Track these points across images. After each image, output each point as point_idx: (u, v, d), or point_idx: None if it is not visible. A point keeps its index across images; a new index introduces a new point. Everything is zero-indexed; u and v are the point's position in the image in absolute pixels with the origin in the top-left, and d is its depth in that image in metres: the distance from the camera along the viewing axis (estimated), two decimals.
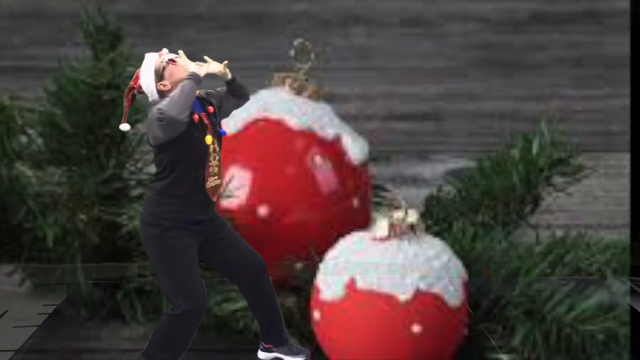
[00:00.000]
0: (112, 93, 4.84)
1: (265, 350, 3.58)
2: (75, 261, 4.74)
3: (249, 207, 4.61)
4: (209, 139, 3.34)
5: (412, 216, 4.24)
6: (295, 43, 4.61)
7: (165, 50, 3.40)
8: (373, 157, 4.96)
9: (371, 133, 5.40)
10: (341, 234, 4.35)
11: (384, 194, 5.04)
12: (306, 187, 4.55)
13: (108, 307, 4.44)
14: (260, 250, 4.69)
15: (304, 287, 4.43)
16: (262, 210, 4.58)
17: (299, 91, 4.66)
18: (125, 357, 3.91)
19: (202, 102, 3.40)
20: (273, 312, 3.54)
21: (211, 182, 3.35)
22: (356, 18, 6.14)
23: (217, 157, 3.36)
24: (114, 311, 4.39)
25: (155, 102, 3.33)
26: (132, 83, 3.38)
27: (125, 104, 3.38)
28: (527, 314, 4.32)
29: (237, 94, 3.45)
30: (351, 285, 4.10)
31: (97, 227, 4.78)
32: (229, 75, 3.40)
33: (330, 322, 4.10)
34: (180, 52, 3.38)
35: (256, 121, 4.70)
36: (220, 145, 3.40)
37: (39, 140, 4.94)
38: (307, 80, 4.71)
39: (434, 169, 5.97)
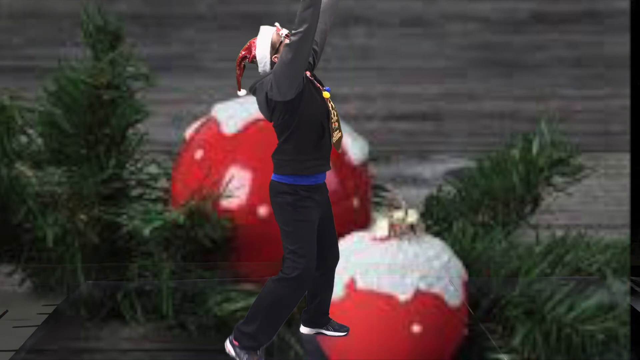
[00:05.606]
0: (112, 93, 4.84)
1: (307, 326, 3.74)
2: (75, 261, 4.74)
3: (249, 207, 4.61)
4: (326, 93, 3.43)
5: (412, 216, 4.24)
6: None
7: (278, 25, 3.44)
8: (373, 157, 4.96)
9: (371, 133, 5.41)
10: (341, 234, 4.35)
11: (384, 194, 5.04)
12: None
13: (108, 307, 4.43)
14: (260, 250, 4.69)
15: None
16: (262, 210, 4.58)
17: None
18: (125, 357, 3.91)
19: None
20: (330, 296, 3.70)
21: (335, 136, 3.44)
22: (356, 18, 6.14)
23: (335, 112, 3.45)
24: (114, 311, 4.38)
25: (264, 73, 3.39)
26: (244, 52, 3.42)
27: (238, 71, 3.44)
28: (527, 314, 4.32)
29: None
30: (351, 285, 4.10)
31: (97, 227, 4.77)
32: None
33: None
34: None
35: (256, 121, 4.71)
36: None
37: (39, 140, 4.93)
38: None
39: (434, 169, 5.97)
